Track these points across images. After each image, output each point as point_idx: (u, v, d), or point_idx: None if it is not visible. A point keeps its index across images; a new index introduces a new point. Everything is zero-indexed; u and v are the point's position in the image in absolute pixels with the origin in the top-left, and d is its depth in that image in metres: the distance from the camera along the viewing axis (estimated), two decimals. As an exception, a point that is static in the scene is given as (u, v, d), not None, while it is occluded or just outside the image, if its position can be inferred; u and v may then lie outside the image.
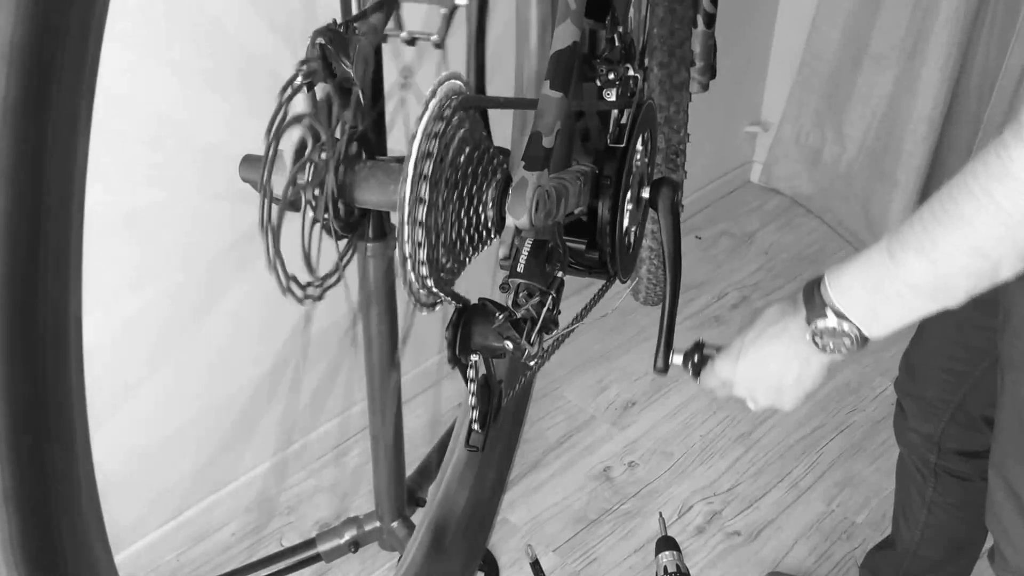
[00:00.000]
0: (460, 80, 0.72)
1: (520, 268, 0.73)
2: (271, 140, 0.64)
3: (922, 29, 2.21)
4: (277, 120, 0.64)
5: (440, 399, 1.99)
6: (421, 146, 0.66)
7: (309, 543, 1.44)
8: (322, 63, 0.69)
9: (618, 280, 1.07)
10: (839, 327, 0.81)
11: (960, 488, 1.32)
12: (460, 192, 0.72)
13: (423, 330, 1.90)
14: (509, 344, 0.72)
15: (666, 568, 1.32)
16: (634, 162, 1.02)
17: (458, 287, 0.77)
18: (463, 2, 0.80)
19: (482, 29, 1.01)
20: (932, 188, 2.46)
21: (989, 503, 1.08)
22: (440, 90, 0.69)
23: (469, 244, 0.75)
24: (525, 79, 1.25)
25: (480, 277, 0.93)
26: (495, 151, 0.78)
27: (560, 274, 0.78)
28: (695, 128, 1.59)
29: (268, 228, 0.65)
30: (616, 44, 1.04)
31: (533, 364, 0.96)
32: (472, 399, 0.80)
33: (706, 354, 0.97)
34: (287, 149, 0.68)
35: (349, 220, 0.76)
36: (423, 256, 0.68)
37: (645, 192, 1.06)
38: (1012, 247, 0.70)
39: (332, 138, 0.70)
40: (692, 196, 2.56)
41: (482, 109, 0.78)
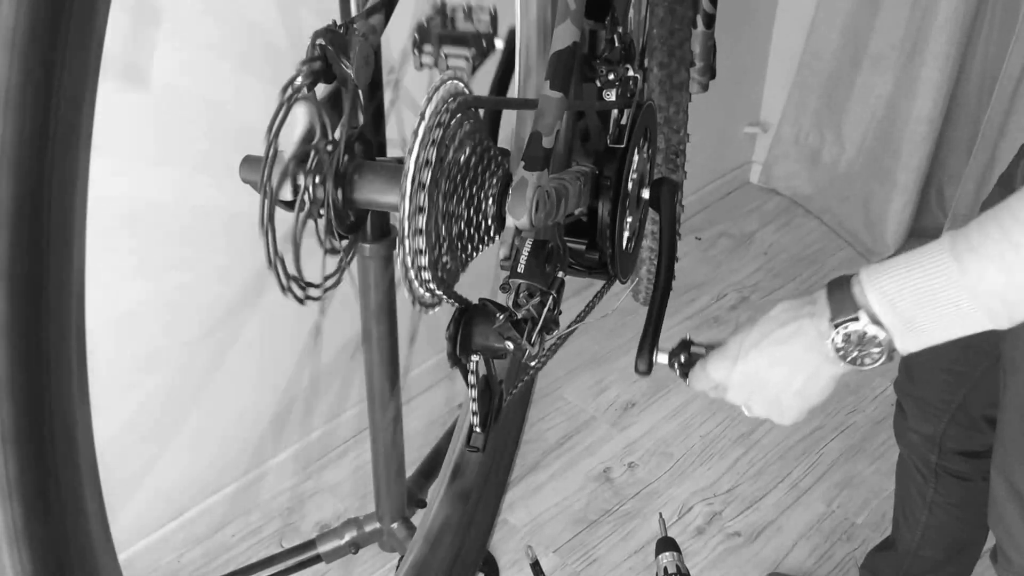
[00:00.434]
0: (461, 80, 0.72)
1: (520, 268, 0.72)
2: (271, 141, 0.64)
3: (921, 30, 2.21)
4: (277, 121, 0.64)
5: (441, 400, 1.99)
6: (420, 149, 0.66)
7: (309, 544, 1.44)
8: (322, 64, 0.69)
9: (618, 280, 1.07)
10: (870, 334, 0.71)
11: (961, 488, 1.32)
12: (460, 193, 0.72)
13: (423, 331, 1.90)
14: (510, 344, 0.72)
15: (666, 569, 1.32)
16: (634, 162, 1.02)
17: (458, 288, 0.77)
18: (501, 45, 0.77)
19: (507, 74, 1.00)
20: (931, 188, 2.47)
21: (991, 504, 1.08)
22: (439, 92, 0.69)
23: (469, 244, 0.75)
24: (525, 79, 1.25)
25: (480, 278, 0.93)
26: (495, 151, 0.78)
27: (561, 274, 0.78)
28: (695, 129, 1.59)
29: (268, 229, 0.65)
30: (616, 44, 1.04)
31: (534, 365, 0.96)
32: (473, 400, 0.80)
33: (694, 353, 0.89)
34: (287, 150, 0.68)
35: (350, 221, 0.76)
36: (424, 258, 0.68)
37: (645, 192, 1.06)
38: None
39: (332, 139, 0.70)
40: (691, 197, 2.56)
41: (493, 119, 0.78)
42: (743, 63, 2.55)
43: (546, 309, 0.73)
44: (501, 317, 0.71)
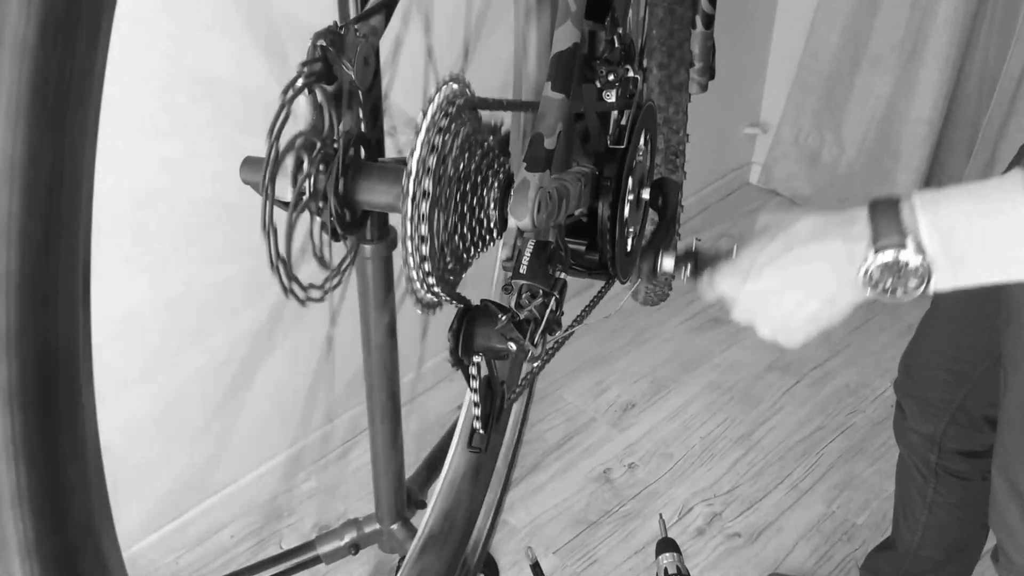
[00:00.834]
0: (462, 81, 0.72)
1: (523, 269, 0.72)
2: (272, 142, 0.64)
3: (921, 31, 2.22)
4: (278, 122, 0.64)
5: (441, 401, 1.99)
6: (422, 151, 0.66)
7: (309, 545, 1.44)
8: (323, 65, 0.69)
9: (618, 281, 1.07)
10: (912, 264, 0.64)
11: (961, 488, 1.32)
12: (462, 193, 0.72)
13: (423, 331, 1.90)
14: (512, 345, 0.72)
15: (666, 570, 1.32)
16: (634, 163, 1.02)
17: (458, 288, 0.77)
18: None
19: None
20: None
21: (993, 504, 1.08)
22: (442, 92, 0.69)
23: (471, 245, 0.75)
24: (525, 81, 1.25)
25: (480, 278, 0.93)
26: (497, 152, 0.78)
27: (562, 275, 0.78)
28: (694, 130, 1.59)
29: (269, 231, 0.64)
30: (616, 45, 1.04)
31: (535, 366, 0.96)
32: (474, 400, 0.80)
33: (701, 259, 0.82)
34: (289, 151, 0.67)
35: (351, 222, 0.76)
36: (426, 257, 0.68)
37: (645, 193, 1.06)
38: None
39: (333, 140, 0.70)
40: (691, 198, 2.56)
41: (503, 142, 0.78)
42: (743, 64, 2.55)
43: (548, 310, 0.73)
44: (503, 318, 0.71)
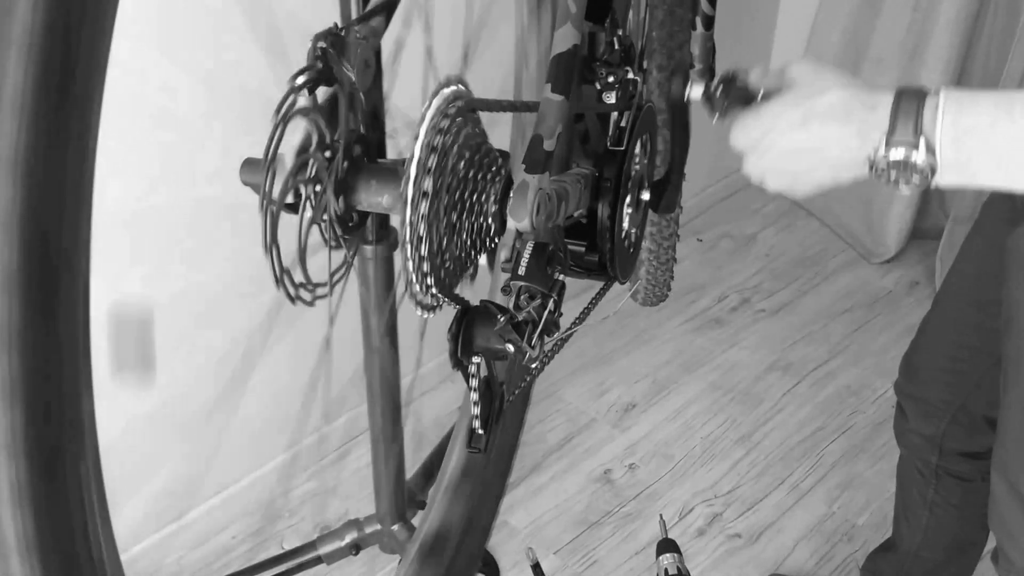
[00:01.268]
0: (462, 83, 0.73)
1: (521, 271, 0.72)
2: (271, 143, 0.65)
3: (922, 32, 2.22)
4: (278, 123, 0.64)
5: (441, 402, 1.99)
6: (421, 152, 0.66)
7: (310, 545, 1.44)
8: (323, 67, 0.70)
9: (617, 282, 1.08)
10: (920, 163, 0.66)
11: (961, 489, 1.32)
12: (461, 195, 0.72)
13: (423, 332, 1.90)
14: (510, 347, 0.73)
15: (667, 570, 1.32)
16: (633, 164, 1.02)
17: (457, 289, 0.77)
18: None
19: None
20: (933, 190, 2.47)
21: (992, 505, 1.08)
22: (442, 93, 0.70)
23: (470, 247, 0.75)
24: (525, 83, 1.25)
25: (479, 279, 0.93)
26: (497, 154, 0.78)
27: (561, 277, 0.78)
28: (695, 130, 1.59)
29: (267, 215, 0.65)
30: (615, 47, 1.04)
31: (534, 367, 0.96)
32: (474, 401, 0.80)
33: (732, 97, 0.84)
34: (288, 152, 0.68)
35: (351, 223, 0.76)
36: (425, 259, 0.68)
37: (645, 194, 1.06)
38: None
39: (333, 141, 0.71)
40: (693, 199, 2.56)
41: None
42: (744, 65, 2.54)
43: (547, 311, 0.73)
44: (502, 319, 0.71)
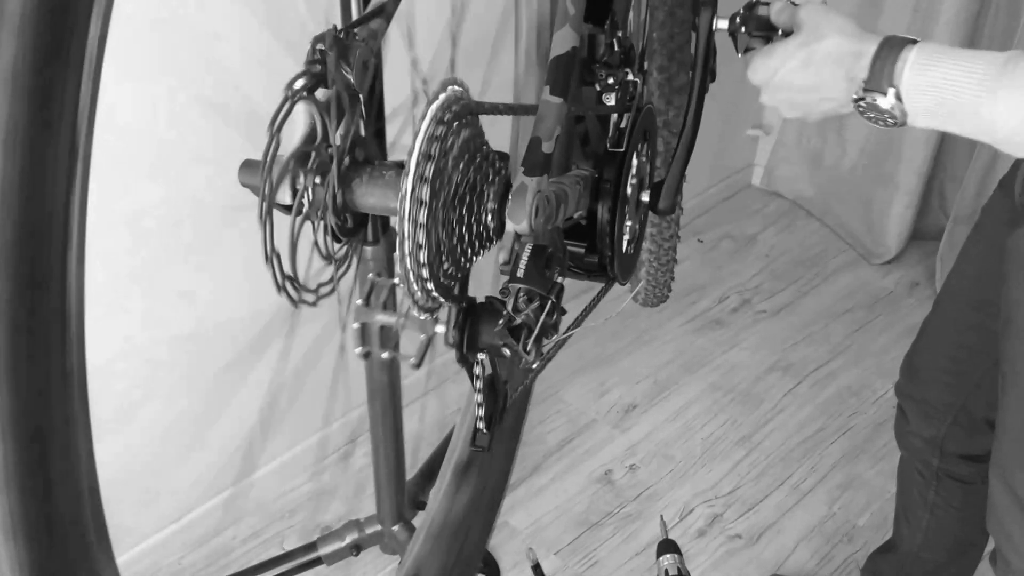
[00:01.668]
0: (461, 85, 0.73)
1: (520, 273, 0.72)
2: (270, 145, 0.65)
3: (923, 33, 2.21)
4: (276, 125, 0.64)
5: (441, 403, 1.99)
6: (420, 154, 0.66)
7: (310, 546, 1.44)
8: (322, 69, 0.69)
9: (618, 283, 1.08)
10: (891, 107, 0.77)
11: (962, 491, 1.32)
12: (460, 197, 0.72)
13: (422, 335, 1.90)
14: (507, 351, 0.73)
15: (667, 571, 1.32)
16: (633, 166, 1.02)
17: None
18: (441, 330, 0.78)
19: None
20: (933, 191, 2.47)
21: (990, 506, 1.08)
22: (441, 96, 0.70)
23: (469, 249, 0.75)
24: (524, 85, 1.25)
25: (480, 280, 0.93)
26: (495, 156, 0.78)
27: (560, 279, 0.78)
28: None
29: (266, 224, 0.65)
30: (615, 48, 1.04)
31: (534, 368, 0.97)
32: (478, 399, 0.80)
33: (756, 31, 0.93)
34: (287, 154, 0.68)
35: (350, 225, 0.76)
36: (423, 260, 0.68)
37: (644, 196, 1.06)
38: None
39: (332, 144, 0.71)
40: (693, 200, 2.57)
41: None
42: (745, 66, 2.54)
43: (544, 314, 0.73)
44: (500, 322, 0.71)
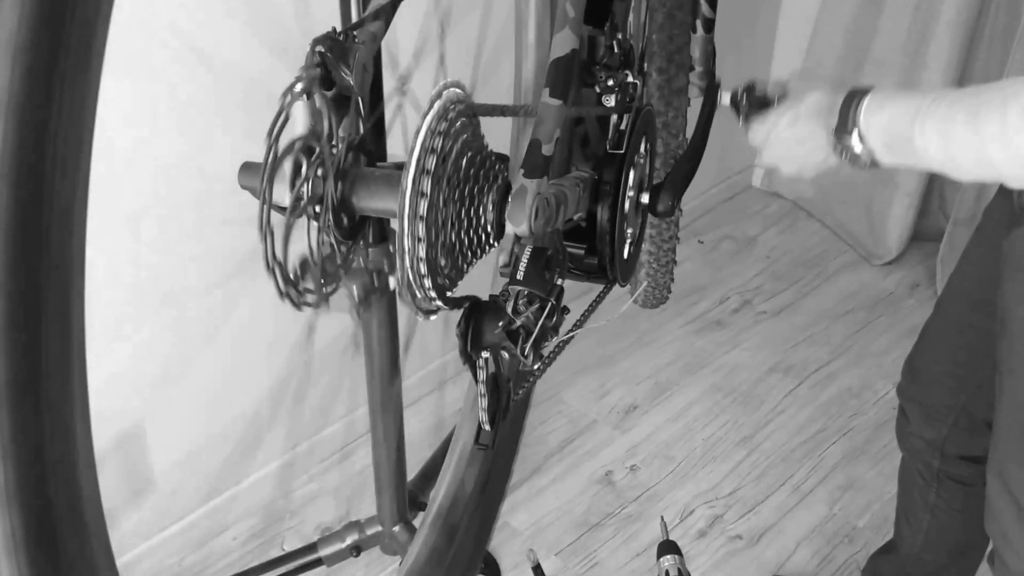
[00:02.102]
0: (460, 88, 0.73)
1: (520, 275, 0.73)
2: (270, 147, 0.65)
3: (923, 34, 2.22)
4: (276, 128, 0.65)
5: (442, 403, 1.99)
6: (420, 156, 0.66)
7: (311, 547, 1.44)
8: (321, 71, 0.70)
9: (617, 284, 1.08)
10: (858, 149, 0.87)
11: (963, 493, 1.32)
12: (460, 199, 0.72)
13: (424, 335, 1.91)
14: (505, 354, 0.73)
15: (668, 572, 1.32)
16: (633, 167, 1.03)
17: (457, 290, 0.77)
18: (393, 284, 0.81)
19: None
20: (933, 192, 2.47)
21: (988, 508, 1.08)
22: (440, 98, 0.70)
23: (468, 251, 0.75)
24: (524, 87, 1.25)
25: (481, 278, 0.93)
26: (495, 158, 0.78)
27: (559, 281, 0.78)
28: (695, 132, 1.59)
29: (267, 235, 0.65)
30: (615, 50, 1.04)
31: (536, 369, 0.97)
32: (482, 398, 0.80)
33: (751, 102, 1.04)
34: (287, 157, 0.68)
35: (349, 227, 0.76)
36: (423, 263, 0.68)
37: (644, 197, 1.07)
38: (1019, 171, 0.75)
39: (331, 146, 0.71)
40: (694, 201, 2.57)
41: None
42: (746, 67, 2.55)
43: (543, 318, 0.73)
44: (500, 324, 0.71)
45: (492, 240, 0.77)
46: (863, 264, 2.50)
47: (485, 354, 0.75)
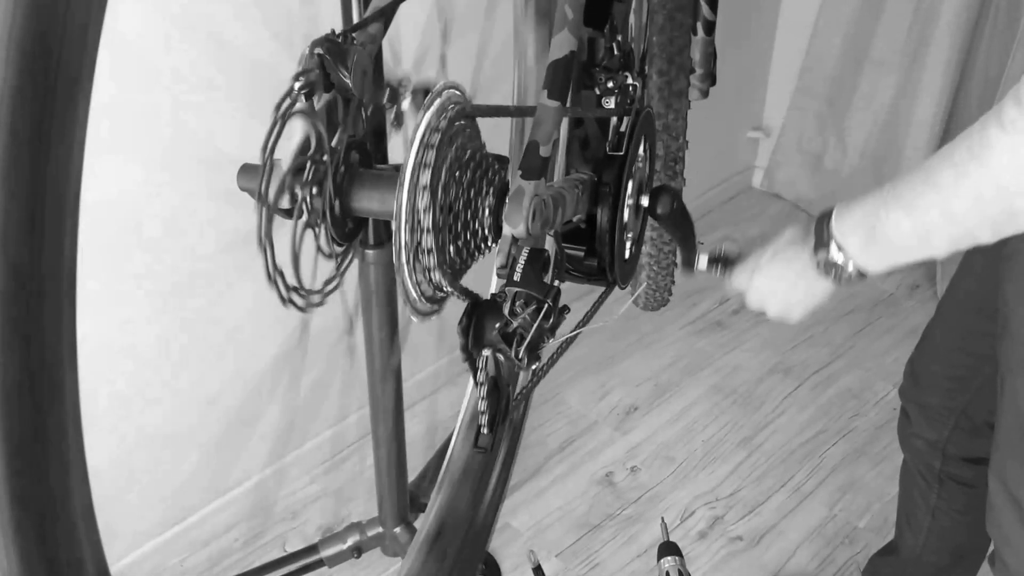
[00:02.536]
0: (458, 89, 0.73)
1: (517, 277, 0.73)
2: (268, 149, 0.65)
3: (923, 34, 2.22)
4: (275, 130, 0.65)
5: (443, 405, 1.99)
6: (417, 155, 0.66)
7: (312, 548, 1.45)
8: (320, 73, 0.70)
9: (617, 287, 1.08)
10: (840, 259, 0.86)
11: (964, 494, 1.32)
12: (457, 201, 0.73)
13: (424, 336, 1.91)
14: (501, 357, 0.73)
15: (668, 573, 1.32)
16: (633, 169, 1.03)
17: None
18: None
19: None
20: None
21: (989, 509, 1.08)
22: (438, 99, 0.70)
23: (466, 252, 0.75)
24: (524, 88, 1.25)
25: (481, 278, 0.93)
26: (493, 159, 0.79)
27: (557, 283, 0.78)
28: (697, 134, 1.59)
29: (267, 236, 0.65)
30: (615, 52, 1.04)
31: (537, 371, 0.97)
32: (482, 400, 0.80)
33: (727, 258, 1.06)
34: (285, 158, 0.68)
35: (347, 228, 0.76)
36: (420, 264, 0.69)
37: (644, 199, 1.07)
38: (984, 220, 0.74)
39: (330, 148, 0.71)
40: (694, 202, 2.56)
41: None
42: (746, 68, 2.55)
43: (538, 322, 0.73)
44: (497, 326, 0.72)
45: (490, 242, 0.77)
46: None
47: (486, 351, 0.75)
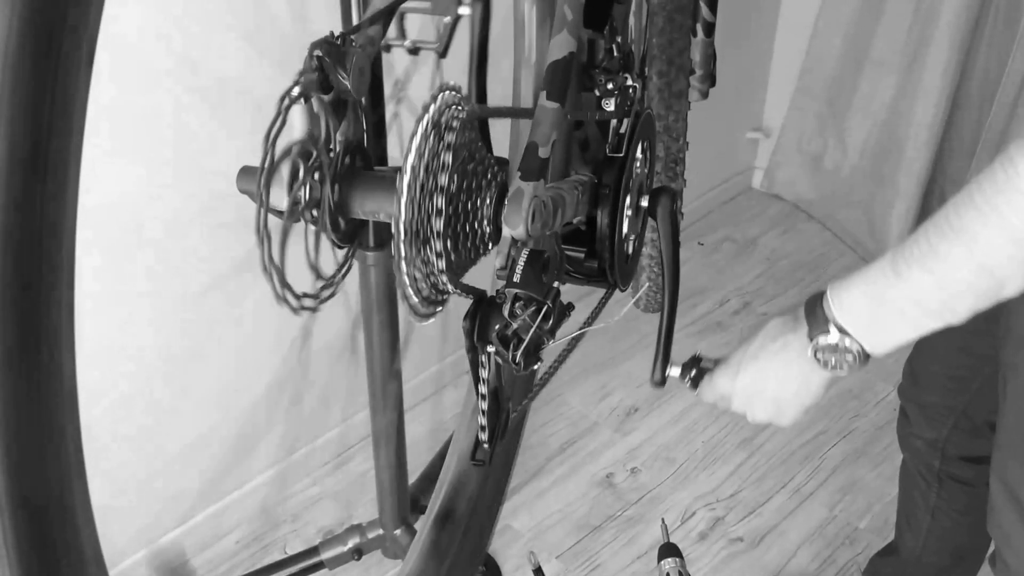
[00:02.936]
0: (457, 91, 0.73)
1: (517, 278, 0.73)
2: (267, 151, 0.65)
3: (923, 35, 2.22)
4: (274, 132, 0.65)
5: (443, 406, 1.99)
6: (416, 158, 0.66)
7: (312, 551, 1.45)
8: (319, 75, 0.70)
9: (618, 288, 1.08)
10: (841, 343, 0.80)
11: (964, 494, 1.32)
12: (456, 202, 0.73)
13: (425, 337, 1.91)
14: (500, 360, 0.73)
15: (668, 575, 1.32)
16: (633, 171, 1.03)
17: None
18: (466, 11, 0.79)
19: (484, 39, 1.01)
20: (933, 194, 2.47)
21: (990, 508, 1.08)
22: (436, 101, 0.70)
23: (466, 253, 0.75)
24: (523, 89, 1.25)
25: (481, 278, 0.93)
26: (492, 161, 0.79)
27: (556, 284, 0.78)
28: (697, 134, 1.59)
29: (265, 238, 0.65)
30: (615, 54, 1.04)
31: (542, 375, 0.97)
32: (482, 401, 0.80)
33: (703, 367, 0.95)
34: (285, 160, 0.68)
35: (347, 230, 0.76)
36: (419, 266, 0.69)
37: (644, 201, 1.07)
38: (1019, 265, 0.68)
39: (329, 150, 0.71)
40: (694, 202, 2.57)
41: (482, 119, 0.79)
42: (746, 69, 2.55)
43: (537, 323, 0.73)
44: (496, 327, 0.72)
45: (489, 243, 0.77)
46: (863, 265, 2.49)
47: (491, 348, 0.75)
